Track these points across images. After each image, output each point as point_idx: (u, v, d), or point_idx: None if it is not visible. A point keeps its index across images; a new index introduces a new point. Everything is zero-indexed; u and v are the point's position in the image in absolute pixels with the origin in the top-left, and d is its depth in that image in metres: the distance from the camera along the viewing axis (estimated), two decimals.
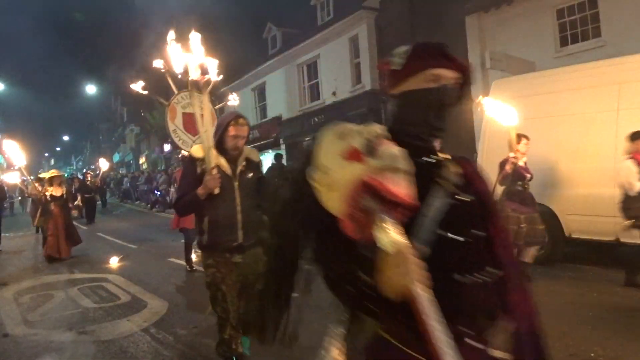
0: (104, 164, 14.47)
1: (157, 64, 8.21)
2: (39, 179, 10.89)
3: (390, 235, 1.11)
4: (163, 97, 7.64)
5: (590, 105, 6.55)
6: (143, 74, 7.49)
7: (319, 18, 19.96)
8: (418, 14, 16.84)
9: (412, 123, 1.42)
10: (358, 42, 17.38)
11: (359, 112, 16.88)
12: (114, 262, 8.86)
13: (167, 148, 32.80)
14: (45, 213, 9.72)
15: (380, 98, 16.83)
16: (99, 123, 55.07)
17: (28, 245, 12.30)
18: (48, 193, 9.67)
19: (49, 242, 9.53)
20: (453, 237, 1.27)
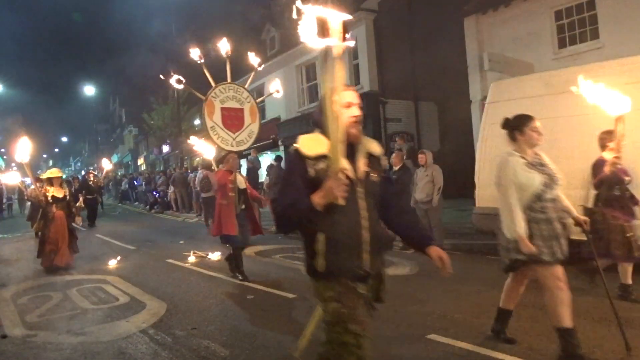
0: (107, 164, 13.73)
1: (193, 55, 7.60)
2: (38, 179, 10.48)
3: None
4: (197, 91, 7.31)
5: (589, 107, 6.54)
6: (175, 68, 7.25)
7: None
8: (416, 16, 16.87)
9: None
10: (357, 43, 17.39)
11: None
12: (113, 263, 8.84)
13: (165, 149, 32.80)
14: (45, 216, 8.77)
15: (379, 99, 16.86)
16: (97, 124, 55.02)
17: (26, 247, 12.27)
18: (49, 194, 8.73)
19: (47, 249, 8.52)
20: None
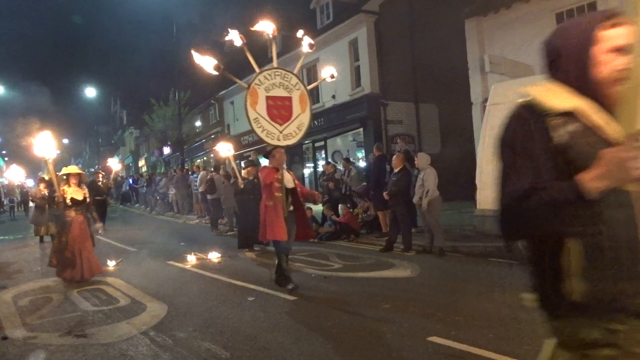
0: (116, 164, 12.53)
1: (233, 38, 6.34)
2: (42, 180, 10.13)
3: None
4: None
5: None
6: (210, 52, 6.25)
7: (319, 21, 20.00)
8: (417, 18, 16.89)
9: None
10: (357, 45, 17.42)
11: (359, 115, 16.91)
12: (113, 264, 8.84)
13: (166, 151, 32.83)
14: (61, 222, 7.58)
15: (380, 101, 16.88)
16: (98, 126, 55.08)
17: (27, 249, 12.29)
18: (67, 195, 7.48)
19: (63, 260, 7.37)
20: None
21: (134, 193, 27.25)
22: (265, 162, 6.93)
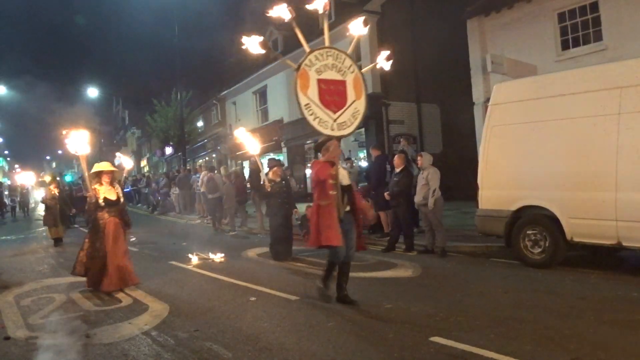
0: (128, 162, 10.27)
1: (279, 12, 5.59)
2: (49, 182, 10.00)
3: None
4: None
5: (592, 109, 6.55)
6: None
7: (320, 21, 20.01)
8: (419, 18, 16.89)
9: None
10: (359, 45, 17.38)
11: None
12: None
13: (168, 151, 32.85)
14: (93, 225, 6.92)
15: (382, 101, 16.86)
16: (100, 126, 55.12)
17: (29, 248, 12.31)
18: (100, 195, 6.86)
19: (102, 269, 6.71)
20: None
21: (136, 193, 27.27)
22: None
